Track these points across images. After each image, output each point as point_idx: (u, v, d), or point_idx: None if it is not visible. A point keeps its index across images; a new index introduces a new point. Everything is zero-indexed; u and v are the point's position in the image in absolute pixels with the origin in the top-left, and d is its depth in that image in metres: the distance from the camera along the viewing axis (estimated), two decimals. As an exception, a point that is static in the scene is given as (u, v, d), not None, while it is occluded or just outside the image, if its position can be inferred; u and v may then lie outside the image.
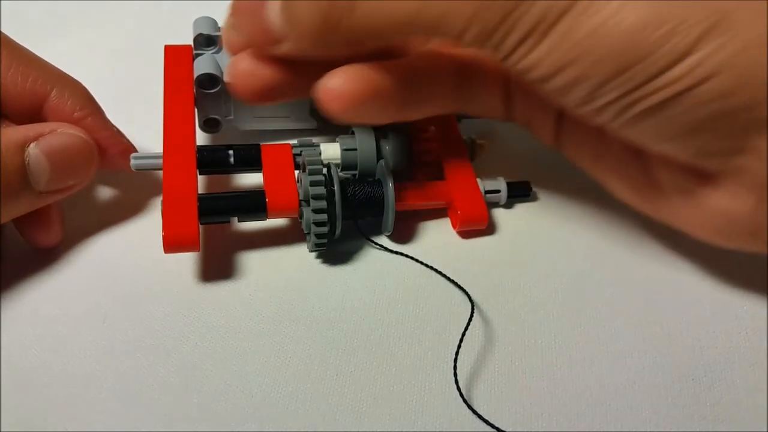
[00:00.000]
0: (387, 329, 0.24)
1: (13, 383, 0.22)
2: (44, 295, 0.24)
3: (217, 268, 0.26)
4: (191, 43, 0.29)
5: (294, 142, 0.27)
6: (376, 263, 0.27)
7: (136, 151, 0.27)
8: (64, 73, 0.26)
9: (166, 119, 0.26)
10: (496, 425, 0.22)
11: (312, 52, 0.21)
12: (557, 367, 0.24)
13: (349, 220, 0.26)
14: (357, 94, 0.22)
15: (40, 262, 0.25)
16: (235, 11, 0.22)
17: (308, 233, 0.25)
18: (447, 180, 0.28)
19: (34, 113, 0.25)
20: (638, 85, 0.18)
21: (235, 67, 0.23)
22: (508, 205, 0.29)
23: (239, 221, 0.26)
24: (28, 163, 0.22)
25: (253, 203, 0.25)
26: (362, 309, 0.25)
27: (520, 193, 0.29)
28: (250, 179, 0.29)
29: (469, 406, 0.22)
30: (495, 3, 0.18)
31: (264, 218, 0.25)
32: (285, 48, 0.21)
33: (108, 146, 0.26)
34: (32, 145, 0.22)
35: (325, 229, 0.24)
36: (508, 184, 0.28)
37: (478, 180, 0.28)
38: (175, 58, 0.28)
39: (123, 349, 0.23)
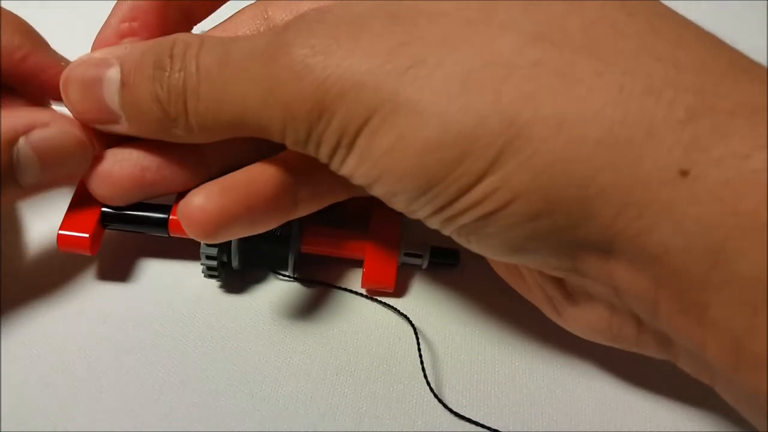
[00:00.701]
0: (387, 329, 0.24)
1: (13, 383, 0.22)
2: (44, 295, 0.24)
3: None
4: None
5: None
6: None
7: None
8: None
9: None
10: (496, 426, 0.22)
11: (156, 137, 0.20)
12: (557, 366, 0.24)
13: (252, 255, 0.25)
14: (226, 211, 0.19)
15: (40, 263, 0.25)
16: (68, 83, 0.20)
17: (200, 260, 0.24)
18: (369, 232, 0.25)
19: None
20: (444, 205, 0.17)
21: (93, 172, 0.21)
22: (432, 270, 0.26)
23: (143, 233, 0.24)
24: (17, 158, 0.20)
25: (158, 219, 0.23)
26: (362, 308, 0.25)
27: (445, 261, 0.25)
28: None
29: (453, 412, 0.22)
30: (299, 116, 0.17)
31: (167, 235, 0.23)
32: (121, 129, 0.20)
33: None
34: (22, 139, 0.20)
35: (213, 263, 0.24)
36: (433, 250, 0.25)
37: (401, 240, 0.25)
38: None
39: (123, 349, 0.23)
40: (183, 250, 0.25)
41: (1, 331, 0.23)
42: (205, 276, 0.24)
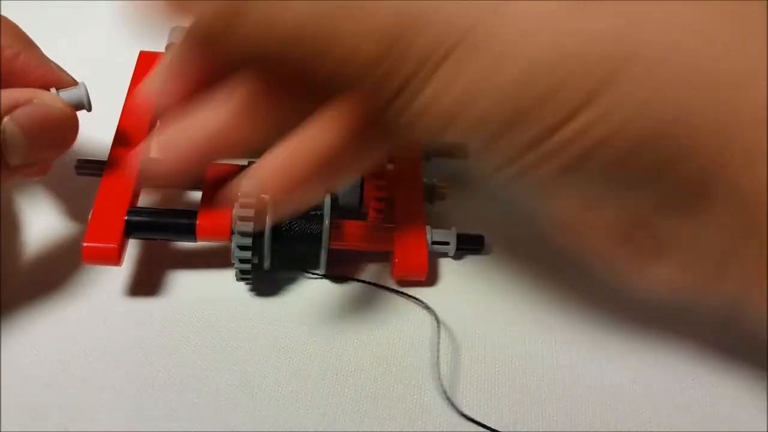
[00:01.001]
0: (388, 329, 0.24)
1: (13, 383, 0.22)
2: (44, 295, 0.24)
3: (217, 268, 0.26)
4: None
5: (245, 162, 0.25)
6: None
7: (77, 84, 0.24)
8: None
9: (120, 125, 0.25)
10: (495, 426, 0.22)
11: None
12: (557, 367, 0.24)
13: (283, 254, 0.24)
14: (297, 169, 0.19)
15: (39, 263, 0.25)
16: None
17: (233, 263, 0.24)
18: (395, 224, 0.25)
19: None
20: (542, 136, 0.16)
21: (164, 142, 0.20)
22: (458, 256, 0.27)
23: (169, 241, 0.24)
24: (3, 138, 0.20)
25: (184, 225, 0.23)
26: (363, 308, 0.25)
27: (471, 246, 0.26)
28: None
29: (461, 412, 0.22)
30: (381, 29, 0.16)
31: (194, 241, 0.23)
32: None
33: (48, 85, 0.23)
34: (7, 118, 0.20)
35: (247, 266, 0.23)
36: (460, 237, 0.26)
37: (428, 228, 0.25)
38: (147, 64, 0.28)
39: (123, 349, 0.23)
40: (179, 254, 0.25)
41: (1, 331, 0.23)
42: (237, 279, 0.24)
